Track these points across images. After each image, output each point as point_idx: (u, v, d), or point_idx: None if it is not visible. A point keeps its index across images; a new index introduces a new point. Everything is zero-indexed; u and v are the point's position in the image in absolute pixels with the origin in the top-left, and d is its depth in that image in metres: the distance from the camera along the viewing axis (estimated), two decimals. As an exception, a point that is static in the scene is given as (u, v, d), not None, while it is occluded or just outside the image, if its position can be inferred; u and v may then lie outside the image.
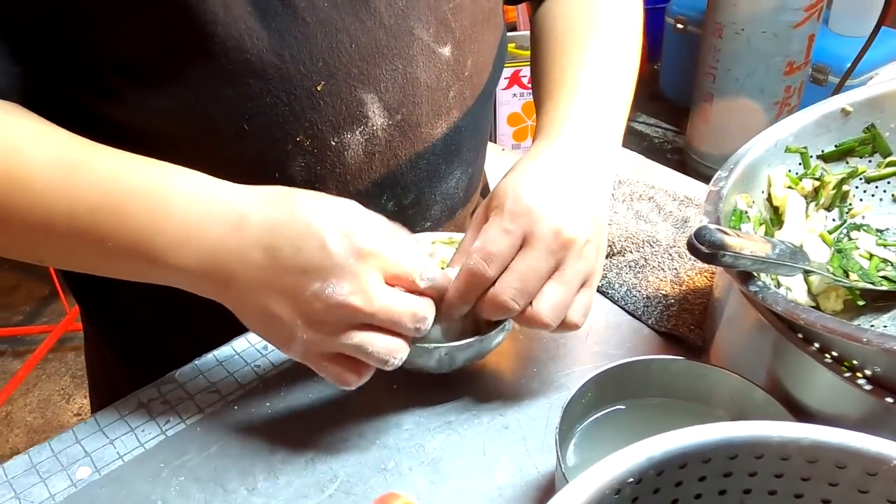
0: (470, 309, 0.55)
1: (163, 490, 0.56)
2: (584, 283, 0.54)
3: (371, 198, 0.66)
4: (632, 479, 0.35)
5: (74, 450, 0.59)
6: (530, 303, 0.53)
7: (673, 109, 3.20)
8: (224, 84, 0.55)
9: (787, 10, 2.35)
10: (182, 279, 0.52)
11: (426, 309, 0.52)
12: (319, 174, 0.62)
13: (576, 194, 0.54)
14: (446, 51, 0.64)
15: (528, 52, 0.73)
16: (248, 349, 0.67)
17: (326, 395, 0.62)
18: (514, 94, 2.38)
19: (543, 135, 0.60)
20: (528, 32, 0.86)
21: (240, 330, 0.67)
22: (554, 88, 0.63)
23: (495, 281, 0.53)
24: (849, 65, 1.69)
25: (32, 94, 0.55)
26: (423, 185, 0.69)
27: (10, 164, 0.50)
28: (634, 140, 3.11)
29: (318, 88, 0.58)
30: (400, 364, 0.52)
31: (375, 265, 0.49)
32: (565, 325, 0.54)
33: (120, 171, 0.51)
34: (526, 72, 2.32)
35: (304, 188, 0.62)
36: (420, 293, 0.52)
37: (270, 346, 0.65)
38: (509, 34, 2.57)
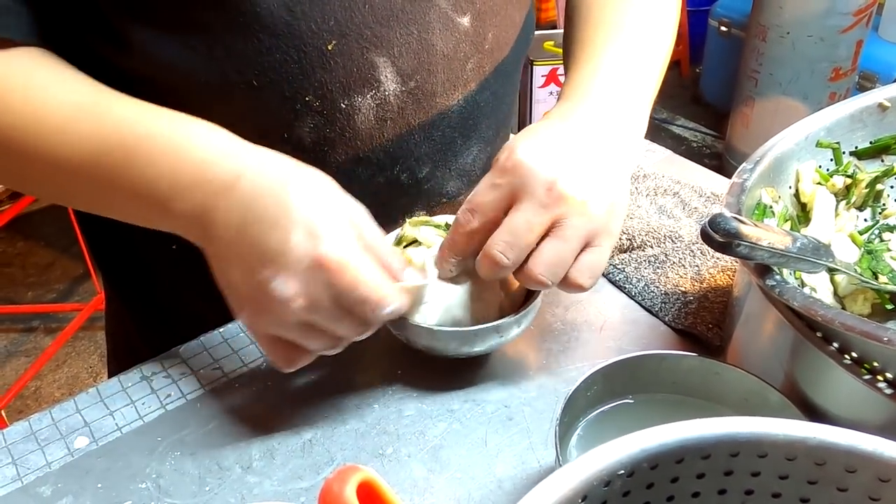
0: (476, 298, 0.53)
1: (158, 464, 0.55)
2: (588, 241, 0.52)
3: (383, 168, 0.65)
4: (623, 472, 0.33)
5: (74, 419, 0.59)
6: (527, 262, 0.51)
7: (713, 114, 3.14)
8: (234, 37, 0.55)
9: (835, 14, 2.29)
10: (179, 225, 0.52)
11: (369, 320, 0.50)
12: (328, 137, 0.61)
13: (582, 154, 0.52)
14: (465, 20, 0.63)
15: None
16: (254, 328, 0.66)
17: (329, 377, 0.61)
18: (551, 93, 2.35)
19: (564, 99, 0.57)
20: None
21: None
22: (581, 57, 0.61)
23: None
24: (898, 73, 1.64)
25: (52, 42, 0.56)
26: (437, 158, 0.67)
27: (32, 102, 0.52)
28: (672, 144, 3.05)
29: (329, 48, 0.57)
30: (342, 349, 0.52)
31: (326, 279, 0.47)
32: (569, 285, 0.52)
33: (140, 115, 0.52)
34: (563, 70, 2.28)
35: (313, 151, 0.61)
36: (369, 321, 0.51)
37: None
38: (548, 32, 2.55)
